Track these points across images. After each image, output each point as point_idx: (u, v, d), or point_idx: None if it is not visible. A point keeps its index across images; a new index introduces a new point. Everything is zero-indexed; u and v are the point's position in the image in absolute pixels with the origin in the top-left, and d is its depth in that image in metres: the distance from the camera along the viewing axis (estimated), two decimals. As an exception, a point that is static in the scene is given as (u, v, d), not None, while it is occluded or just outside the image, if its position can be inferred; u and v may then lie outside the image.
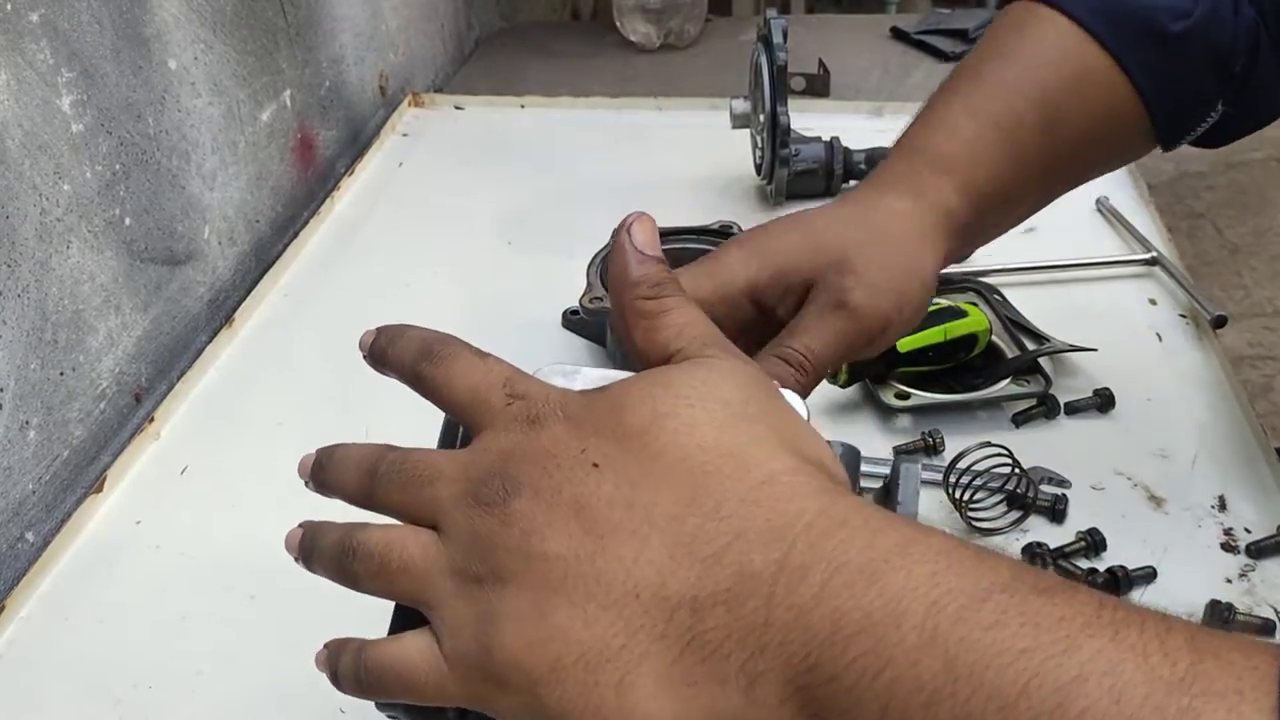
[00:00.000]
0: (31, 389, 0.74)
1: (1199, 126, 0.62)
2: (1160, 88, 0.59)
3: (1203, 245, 2.65)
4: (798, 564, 0.32)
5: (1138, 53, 0.58)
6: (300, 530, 0.41)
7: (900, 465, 0.43)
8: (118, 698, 0.64)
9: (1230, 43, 0.59)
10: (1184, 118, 0.61)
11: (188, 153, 0.91)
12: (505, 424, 0.37)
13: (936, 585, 0.30)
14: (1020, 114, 0.57)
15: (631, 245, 0.42)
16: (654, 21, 1.47)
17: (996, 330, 0.81)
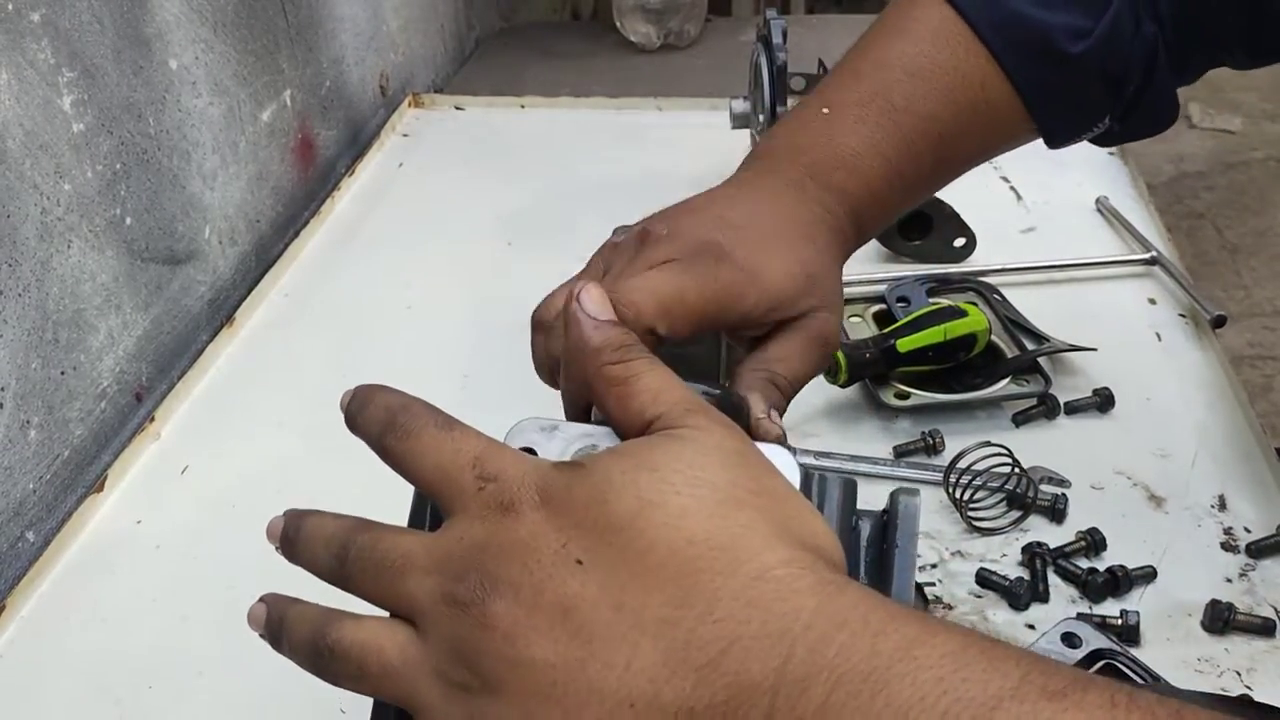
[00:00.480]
0: (32, 388, 0.74)
1: (1083, 135, 0.63)
2: (1049, 102, 0.59)
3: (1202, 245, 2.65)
4: (798, 675, 0.30)
5: (1032, 71, 0.58)
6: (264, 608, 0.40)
7: (900, 502, 0.40)
8: (118, 698, 0.64)
9: (1125, 65, 0.59)
10: (1068, 128, 0.62)
11: (188, 152, 0.91)
12: (477, 511, 0.35)
13: (945, 694, 0.29)
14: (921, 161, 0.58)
15: (584, 313, 0.40)
16: (654, 22, 1.47)
17: (996, 330, 0.81)
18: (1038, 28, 0.58)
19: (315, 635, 0.37)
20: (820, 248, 0.54)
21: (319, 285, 1.00)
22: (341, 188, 1.13)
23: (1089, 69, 0.58)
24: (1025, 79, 0.58)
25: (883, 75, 0.59)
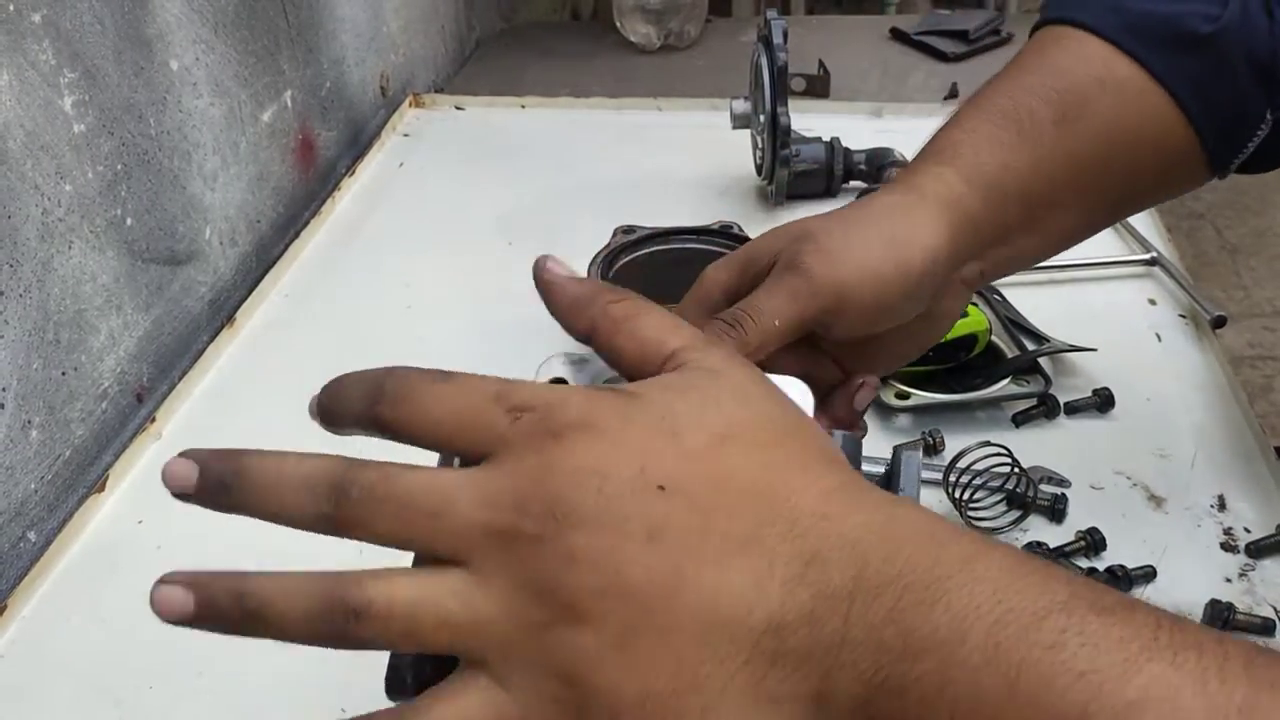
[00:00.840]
0: (33, 389, 0.74)
1: (1250, 140, 0.57)
2: (1197, 94, 0.55)
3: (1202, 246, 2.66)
4: (872, 583, 0.32)
5: (1169, 59, 0.55)
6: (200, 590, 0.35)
7: (901, 454, 0.43)
8: (118, 698, 0.64)
9: (1268, 44, 0.55)
10: (1231, 129, 0.57)
11: (189, 153, 0.91)
12: (522, 441, 0.33)
13: (999, 604, 0.31)
14: (1030, 107, 0.54)
15: (559, 276, 0.40)
16: (654, 22, 1.47)
17: (996, 330, 0.81)
18: (1164, 18, 0.55)
19: (327, 594, 0.33)
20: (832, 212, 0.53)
21: (319, 285, 1.00)
22: (342, 188, 1.13)
23: (1230, 50, 0.55)
24: (1163, 66, 0.55)
25: (988, 83, 0.58)
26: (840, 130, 1.09)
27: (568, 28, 1.91)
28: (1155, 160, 0.57)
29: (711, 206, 1.04)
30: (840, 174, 1.05)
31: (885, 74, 1.39)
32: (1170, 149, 0.57)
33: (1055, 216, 0.56)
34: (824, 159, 1.05)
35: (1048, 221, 0.56)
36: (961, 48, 1.41)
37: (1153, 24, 0.55)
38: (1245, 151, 0.58)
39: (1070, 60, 0.56)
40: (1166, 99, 0.55)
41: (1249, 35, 0.55)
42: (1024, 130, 0.54)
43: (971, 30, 1.43)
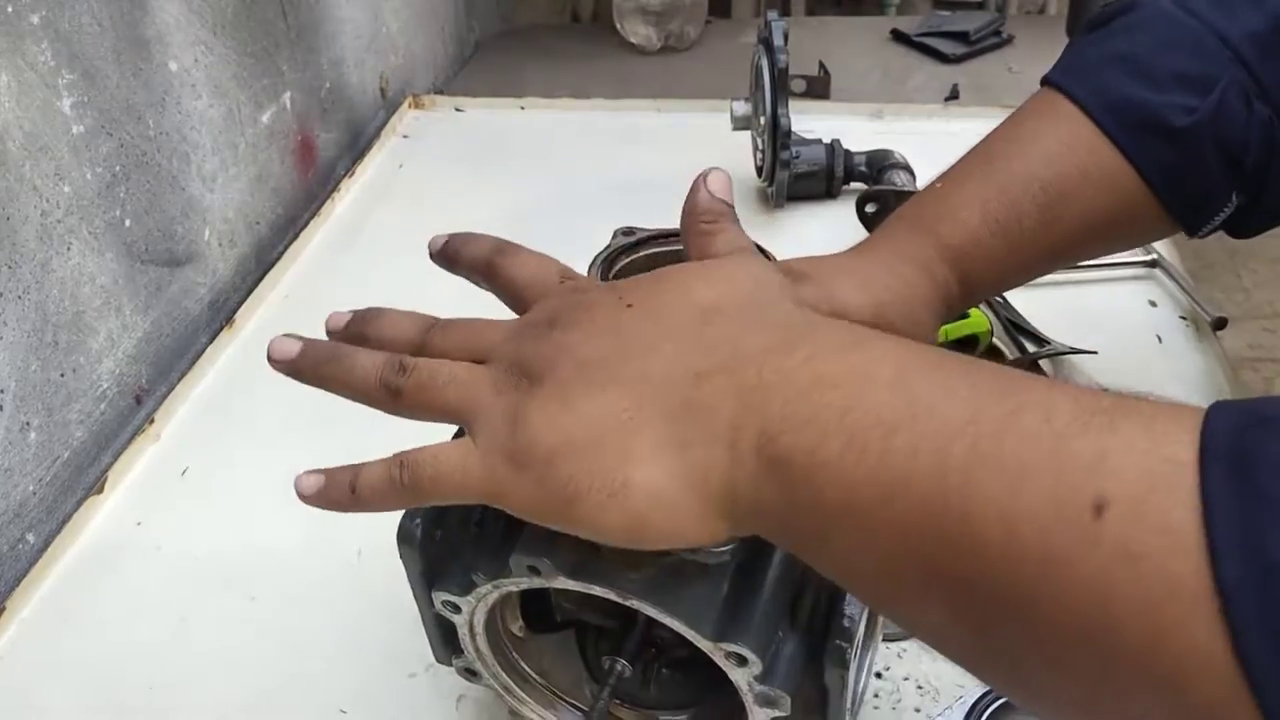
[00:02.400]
0: (32, 390, 0.74)
1: (1215, 216, 0.62)
2: (1170, 180, 0.60)
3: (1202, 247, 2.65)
4: (789, 340, 0.38)
5: (1143, 144, 0.59)
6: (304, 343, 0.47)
7: None
8: (118, 699, 0.64)
9: (1241, 137, 0.59)
10: (1198, 208, 0.62)
11: (188, 154, 0.91)
12: (557, 293, 0.45)
13: (907, 354, 0.37)
14: (1022, 212, 0.59)
15: (705, 186, 0.48)
16: (654, 24, 1.47)
17: (997, 332, 0.81)
18: (1145, 106, 0.59)
19: (390, 358, 0.43)
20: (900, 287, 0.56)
21: (319, 287, 1.00)
22: (341, 189, 1.13)
23: (1201, 141, 0.59)
24: (1137, 150, 0.59)
25: (987, 146, 0.62)
26: (841, 132, 1.08)
27: (567, 29, 1.90)
28: (1128, 237, 0.66)
29: (711, 208, 1.04)
30: (841, 176, 1.05)
31: (886, 75, 1.39)
32: (1143, 227, 0.63)
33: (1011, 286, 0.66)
34: (824, 161, 1.05)
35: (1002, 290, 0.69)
36: (962, 49, 1.41)
37: (1134, 110, 0.59)
38: (1212, 224, 0.63)
39: (1061, 147, 0.60)
40: (1140, 184, 0.60)
41: (1223, 127, 0.59)
42: (1010, 235, 0.59)
43: (972, 32, 1.43)
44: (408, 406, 0.42)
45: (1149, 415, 0.31)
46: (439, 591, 0.48)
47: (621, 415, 0.38)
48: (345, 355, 0.45)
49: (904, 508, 0.33)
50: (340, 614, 0.67)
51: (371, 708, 0.62)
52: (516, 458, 0.39)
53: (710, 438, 0.37)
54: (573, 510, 0.38)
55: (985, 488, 0.31)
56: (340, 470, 0.43)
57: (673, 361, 0.39)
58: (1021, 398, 0.33)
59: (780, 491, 0.36)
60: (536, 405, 0.39)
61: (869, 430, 0.34)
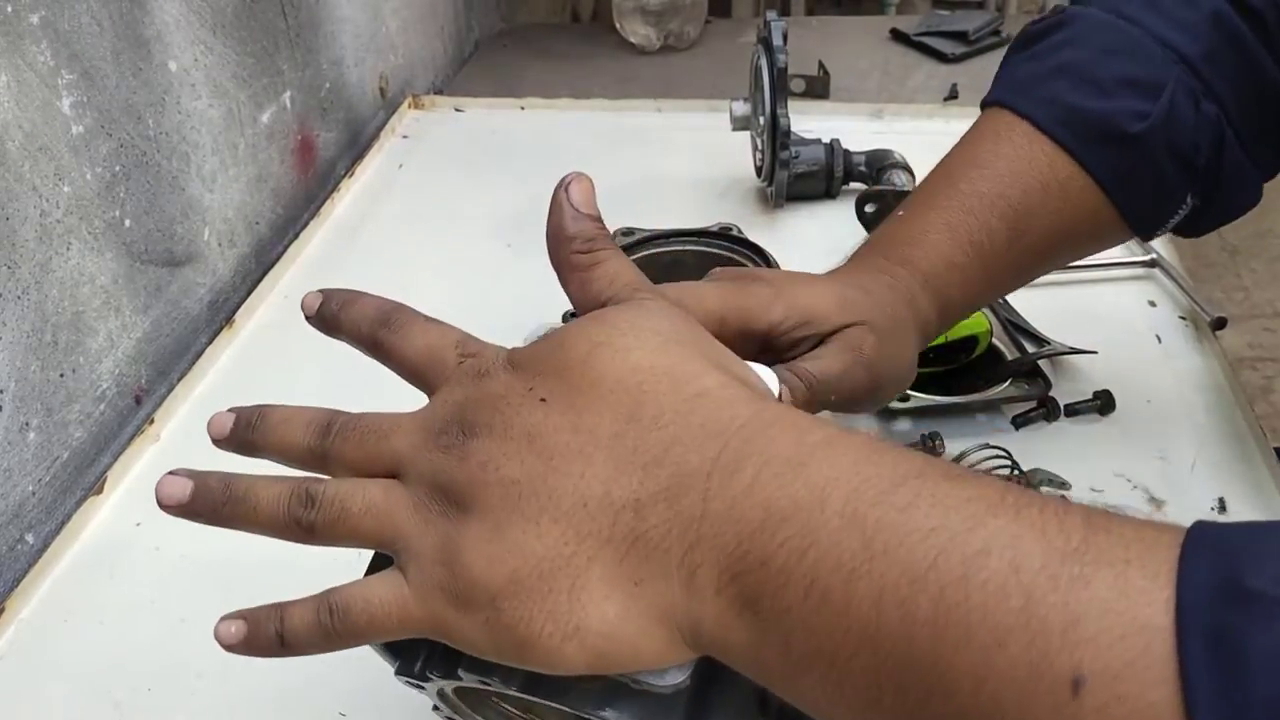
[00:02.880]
0: (31, 390, 0.74)
1: (1171, 219, 0.63)
2: (1126, 186, 0.60)
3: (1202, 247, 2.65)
4: (731, 459, 0.35)
5: (1100, 155, 0.60)
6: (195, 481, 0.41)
7: None
8: (117, 700, 0.64)
9: (1191, 139, 0.60)
10: (1155, 212, 0.63)
11: (188, 154, 0.91)
12: (458, 379, 0.40)
13: (857, 474, 0.33)
14: (992, 230, 0.59)
15: (568, 203, 0.43)
16: (654, 23, 1.47)
17: (997, 332, 0.81)
18: (1097, 115, 0.59)
19: (294, 488, 0.39)
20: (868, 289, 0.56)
21: (319, 287, 0.99)
22: (341, 189, 1.13)
23: (1154, 146, 0.59)
24: (1093, 160, 0.60)
25: (947, 171, 0.62)
26: (840, 131, 1.09)
27: (567, 29, 1.90)
28: (1088, 244, 0.65)
29: (711, 208, 1.04)
30: (840, 175, 1.05)
31: (885, 75, 1.39)
32: (1102, 232, 0.64)
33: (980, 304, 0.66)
34: (824, 160, 1.05)
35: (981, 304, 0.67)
36: (961, 49, 1.41)
37: (1086, 120, 0.60)
38: (1168, 226, 0.64)
39: (1021, 164, 0.60)
40: (1098, 192, 0.60)
41: (1174, 129, 0.60)
42: (984, 255, 0.59)
43: (971, 31, 1.43)
44: (324, 540, 0.39)
45: (1121, 560, 0.30)
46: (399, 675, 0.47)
47: (564, 550, 0.35)
48: (242, 493, 0.40)
49: (874, 660, 0.31)
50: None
51: (371, 709, 0.62)
52: (458, 599, 0.36)
53: (663, 574, 0.35)
54: (527, 652, 0.36)
55: (957, 650, 0.30)
56: (264, 614, 0.39)
57: (608, 482, 0.36)
58: (984, 535, 0.31)
59: (747, 633, 0.34)
60: (470, 539, 0.36)
61: (829, 575, 0.32)
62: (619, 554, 0.35)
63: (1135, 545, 0.30)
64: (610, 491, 0.36)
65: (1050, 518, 0.31)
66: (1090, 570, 0.29)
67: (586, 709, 0.41)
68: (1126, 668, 0.28)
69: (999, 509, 0.32)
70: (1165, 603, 0.28)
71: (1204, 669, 0.27)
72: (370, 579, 0.39)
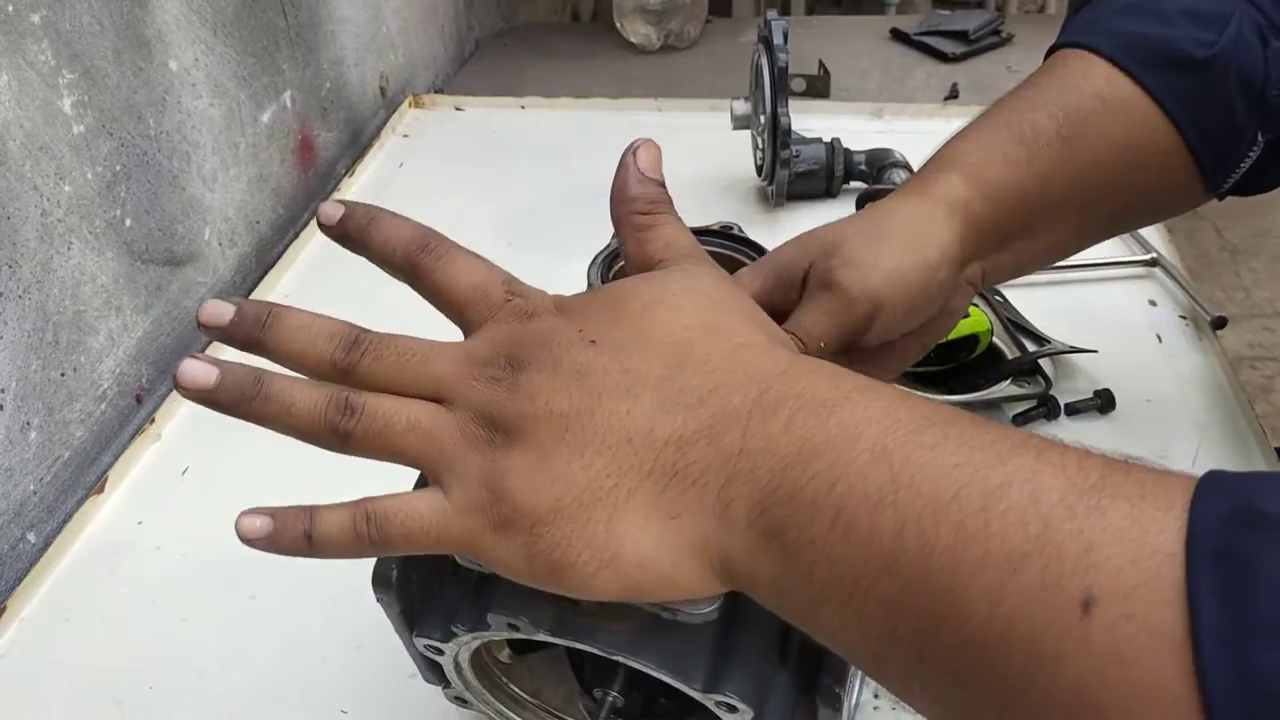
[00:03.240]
0: (32, 390, 0.74)
1: (1241, 161, 0.60)
2: (1192, 113, 0.58)
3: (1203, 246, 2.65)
4: (771, 400, 0.36)
5: (1165, 79, 0.57)
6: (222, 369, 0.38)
7: None
8: (118, 698, 0.64)
9: (1260, 69, 0.57)
10: (1223, 150, 0.59)
11: (188, 154, 0.91)
12: (504, 317, 0.41)
13: (889, 416, 0.35)
14: (1036, 123, 0.57)
15: (635, 165, 0.44)
16: (654, 23, 1.47)
17: (997, 331, 0.81)
18: (1160, 41, 0.58)
19: (336, 395, 0.39)
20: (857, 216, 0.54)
21: (319, 287, 1.00)
22: (342, 189, 1.13)
23: (1222, 74, 0.57)
24: (1155, 83, 0.57)
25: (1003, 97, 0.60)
26: (840, 131, 1.09)
27: (568, 28, 1.90)
28: (1154, 178, 0.60)
29: (712, 207, 1.04)
30: (841, 174, 1.05)
31: (885, 74, 1.39)
32: (1168, 168, 0.59)
33: (1054, 227, 0.59)
34: (824, 159, 1.05)
35: (1047, 231, 0.59)
36: (961, 48, 1.41)
37: (1150, 46, 0.58)
38: (1238, 171, 0.60)
39: (1075, 78, 0.58)
40: (1164, 118, 0.57)
41: (1242, 60, 0.57)
42: (1029, 144, 0.56)
43: (971, 31, 1.43)
44: (360, 450, 0.39)
45: (1138, 495, 0.30)
46: (419, 637, 0.47)
47: (606, 482, 0.36)
48: (277, 390, 0.38)
49: (892, 588, 0.32)
50: (340, 614, 0.67)
51: (371, 708, 0.62)
52: (498, 522, 0.37)
53: (700, 508, 0.36)
54: (562, 577, 0.37)
55: (973, 575, 0.31)
56: (292, 514, 0.38)
57: (653, 420, 0.37)
58: (1006, 471, 0.32)
59: (773, 564, 0.35)
60: (515, 467, 0.37)
61: (856, 506, 0.33)
62: (659, 488, 0.36)
63: (1151, 483, 0.31)
64: (655, 429, 0.37)
65: (1071, 458, 0.32)
66: (1106, 502, 0.30)
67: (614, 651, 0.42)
68: (1136, 588, 0.28)
69: (1022, 450, 0.33)
70: (1177, 530, 0.29)
71: (1211, 589, 0.27)
72: (411, 494, 0.39)
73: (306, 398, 0.39)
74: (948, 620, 0.31)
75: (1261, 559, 0.27)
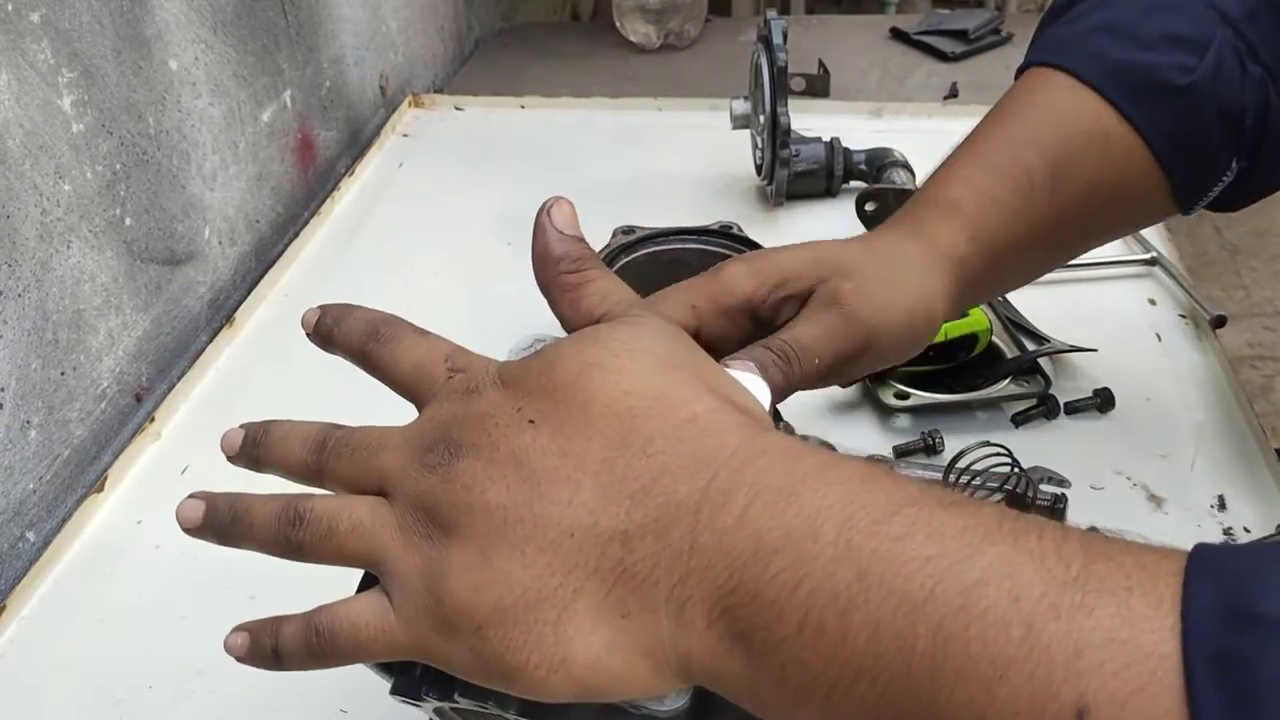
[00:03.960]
0: (32, 389, 0.74)
1: (1215, 185, 0.60)
2: (1171, 142, 0.58)
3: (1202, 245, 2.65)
4: (721, 490, 0.34)
5: (1146, 107, 0.57)
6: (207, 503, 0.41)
7: None
8: (118, 698, 0.64)
9: (1238, 97, 0.58)
10: (1198, 174, 0.60)
11: (188, 153, 0.91)
12: (446, 395, 0.40)
13: (850, 503, 0.33)
14: (1029, 165, 0.56)
15: (551, 226, 0.44)
16: (654, 22, 1.47)
17: (996, 330, 0.81)
18: (1142, 67, 0.57)
19: (286, 506, 0.39)
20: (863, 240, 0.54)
21: (319, 286, 1.00)
22: (341, 188, 1.13)
23: (1202, 102, 0.57)
24: (1139, 115, 0.57)
25: (981, 126, 0.60)
26: (840, 130, 1.09)
27: (567, 27, 1.90)
28: (1130, 208, 0.61)
29: (711, 207, 1.04)
30: (840, 174, 1.05)
31: (885, 74, 1.39)
32: (1145, 197, 0.60)
33: (1029, 267, 0.61)
34: (824, 159, 1.05)
35: (1023, 269, 0.61)
36: (961, 47, 1.41)
37: (1134, 74, 0.58)
38: (1210, 195, 0.61)
39: (1061, 112, 0.58)
40: (1146, 151, 0.58)
41: (1221, 87, 0.58)
42: (1024, 193, 0.56)
43: (971, 30, 1.43)
44: (313, 558, 0.39)
45: (1123, 588, 0.29)
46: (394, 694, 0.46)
47: (550, 581, 0.35)
48: (242, 511, 0.40)
49: (872, 692, 0.31)
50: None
51: (371, 708, 0.62)
52: (442, 625, 0.36)
53: (651, 607, 0.34)
54: (513, 681, 0.35)
55: (956, 682, 0.29)
56: (261, 629, 0.40)
57: (596, 511, 0.35)
58: (982, 564, 0.30)
59: (740, 666, 0.33)
60: (454, 565, 0.36)
61: (824, 607, 0.31)
62: (605, 586, 0.34)
63: (1136, 572, 0.29)
64: (598, 521, 0.35)
65: (1049, 545, 0.31)
66: (1092, 599, 0.29)
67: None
68: (1132, 696, 0.27)
69: (996, 536, 0.31)
70: (1170, 630, 0.28)
71: (1213, 697, 0.26)
72: (355, 599, 0.38)
73: (263, 513, 0.40)
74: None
75: (1263, 668, 0.26)
